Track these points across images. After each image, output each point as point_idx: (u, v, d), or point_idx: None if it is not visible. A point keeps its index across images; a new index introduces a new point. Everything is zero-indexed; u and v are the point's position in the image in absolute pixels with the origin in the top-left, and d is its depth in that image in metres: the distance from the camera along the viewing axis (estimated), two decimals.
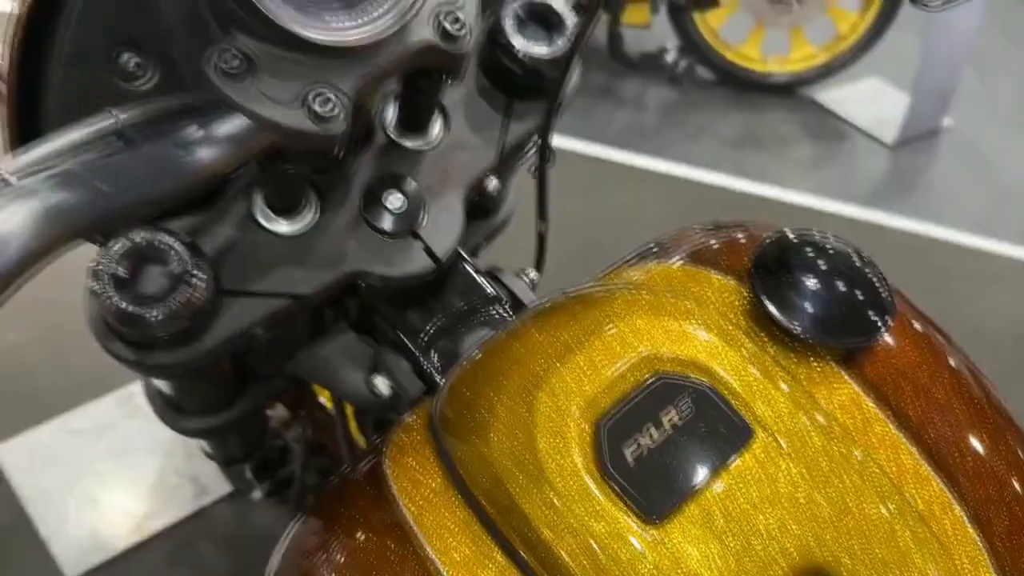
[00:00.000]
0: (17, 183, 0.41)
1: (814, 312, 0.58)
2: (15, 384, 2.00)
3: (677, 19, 3.19)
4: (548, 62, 0.69)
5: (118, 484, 1.84)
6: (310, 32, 0.47)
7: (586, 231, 2.47)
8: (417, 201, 0.66)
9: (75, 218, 0.41)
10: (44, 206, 0.39)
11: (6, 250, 0.37)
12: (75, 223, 0.41)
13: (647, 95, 3.34)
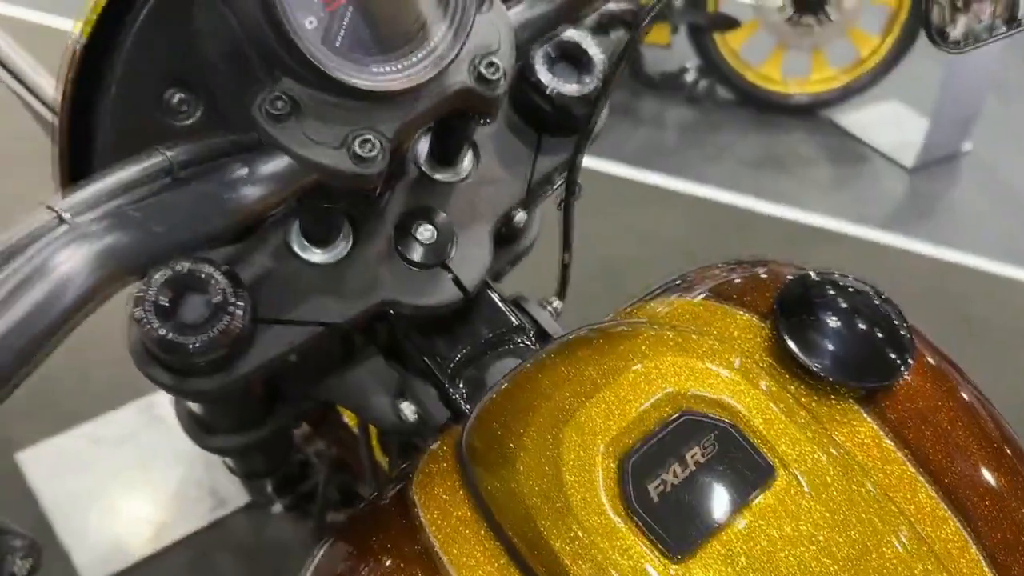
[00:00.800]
0: (75, 223, 0.43)
1: (836, 352, 0.59)
2: (39, 391, 2.02)
3: (698, 39, 3.21)
4: (577, 99, 0.71)
5: (138, 493, 1.86)
6: (355, 80, 0.49)
7: (603, 250, 2.49)
8: (447, 233, 0.68)
9: (130, 258, 0.42)
10: (101, 247, 0.41)
11: (66, 291, 0.39)
12: (130, 263, 0.42)
13: (666, 114, 3.36)
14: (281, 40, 0.47)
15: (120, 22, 0.53)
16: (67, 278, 0.39)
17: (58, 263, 0.39)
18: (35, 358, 0.38)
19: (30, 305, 0.38)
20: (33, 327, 0.38)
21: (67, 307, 0.39)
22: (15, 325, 0.37)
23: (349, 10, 0.49)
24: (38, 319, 0.38)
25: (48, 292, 0.38)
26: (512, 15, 0.59)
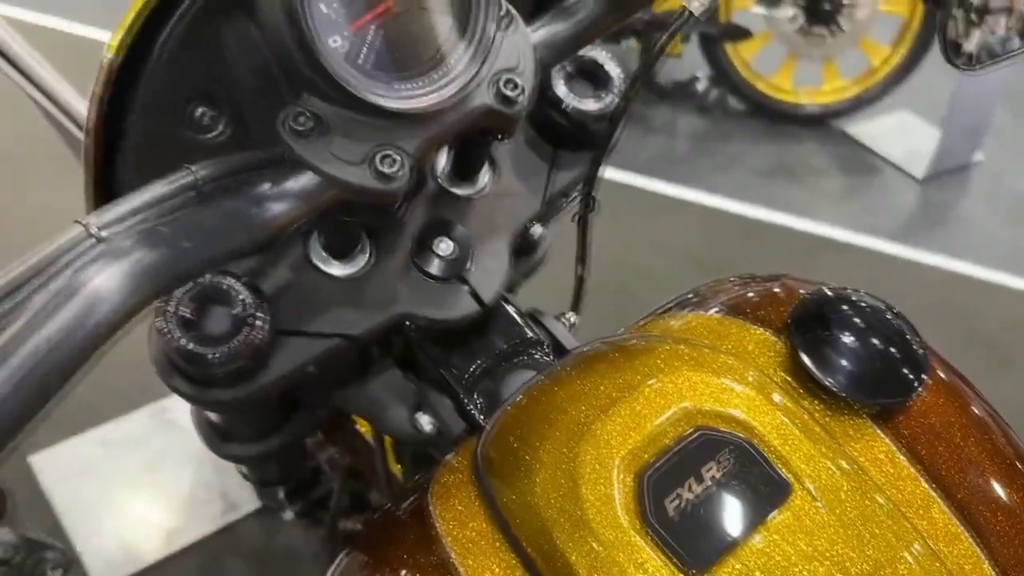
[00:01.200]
0: (108, 239, 0.44)
1: (851, 369, 0.60)
2: None
3: (709, 49, 3.22)
4: (594, 115, 0.72)
5: (149, 497, 1.87)
6: (380, 100, 0.50)
7: (612, 258, 2.49)
8: (465, 247, 0.69)
9: (163, 276, 0.43)
10: (133, 265, 0.42)
11: (101, 309, 0.40)
12: (163, 281, 0.43)
13: (677, 124, 3.37)
14: (308, 59, 0.48)
15: (149, 40, 0.54)
16: (100, 295, 0.40)
17: (90, 280, 0.40)
18: (71, 375, 0.39)
19: (64, 322, 0.39)
20: (68, 344, 0.38)
21: (100, 324, 0.40)
22: (50, 342, 0.38)
23: (374, 30, 0.50)
24: (72, 336, 0.39)
25: (81, 309, 0.39)
26: (533, 35, 0.59)
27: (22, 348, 0.37)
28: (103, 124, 0.55)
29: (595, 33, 0.62)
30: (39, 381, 0.37)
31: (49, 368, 0.38)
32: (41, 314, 0.39)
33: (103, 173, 0.57)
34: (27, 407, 0.37)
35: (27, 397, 0.37)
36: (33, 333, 0.38)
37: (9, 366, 0.37)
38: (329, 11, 0.48)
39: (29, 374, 0.37)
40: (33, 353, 0.38)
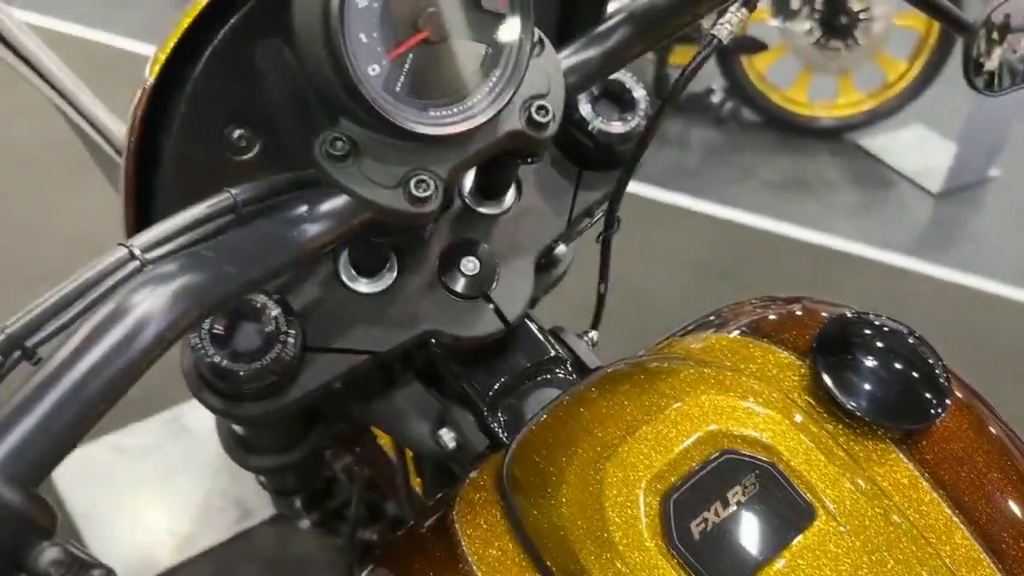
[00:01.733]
0: (148, 259, 0.45)
1: (874, 393, 0.60)
2: None
3: (724, 61, 3.22)
4: (619, 137, 0.73)
5: (164, 503, 1.88)
6: (416, 126, 0.51)
7: (625, 270, 2.48)
8: (490, 265, 0.69)
9: (207, 299, 0.44)
10: (178, 288, 0.43)
11: (147, 332, 0.40)
12: (205, 303, 0.44)
13: (691, 135, 3.37)
14: (346, 87, 0.49)
15: (187, 63, 0.55)
16: (146, 319, 0.41)
17: (138, 304, 0.41)
18: (118, 396, 0.40)
19: (112, 346, 0.40)
20: (115, 367, 0.39)
21: (147, 347, 0.40)
22: (99, 365, 0.39)
23: (410, 58, 0.50)
24: (120, 359, 0.40)
25: (128, 332, 0.40)
26: (563, 60, 0.60)
27: (73, 370, 0.38)
28: (141, 147, 0.56)
29: (624, 60, 0.63)
30: (88, 402, 0.38)
31: (98, 390, 0.38)
32: (91, 337, 0.40)
33: (140, 193, 0.58)
34: (78, 427, 0.38)
35: (78, 418, 0.38)
36: (83, 356, 0.39)
37: (61, 388, 0.38)
38: (368, 40, 0.49)
39: (80, 396, 0.38)
40: (84, 376, 0.38)
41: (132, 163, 0.56)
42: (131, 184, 0.57)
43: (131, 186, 0.57)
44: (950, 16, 0.69)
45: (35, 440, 0.37)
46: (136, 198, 0.58)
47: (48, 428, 0.37)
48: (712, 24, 0.61)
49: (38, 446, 0.37)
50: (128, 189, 0.57)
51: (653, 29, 0.62)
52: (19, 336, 0.43)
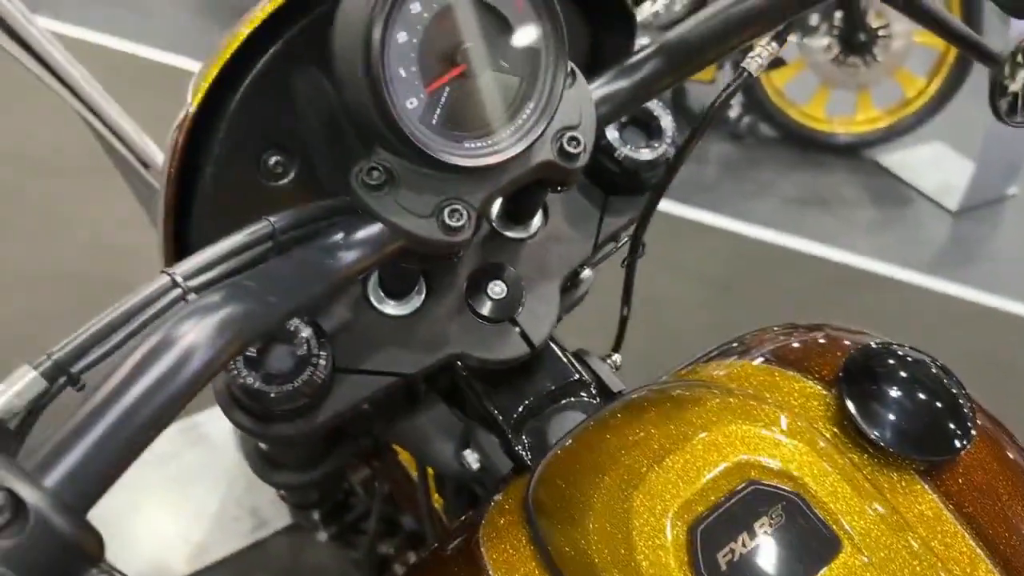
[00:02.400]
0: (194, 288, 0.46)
1: (899, 424, 0.61)
2: None
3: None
4: (645, 163, 0.73)
5: (179, 512, 1.89)
6: (453, 158, 0.51)
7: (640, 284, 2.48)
8: (517, 289, 0.70)
9: (250, 330, 0.45)
10: (226, 320, 0.44)
11: (192, 361, 0.41)
12: (250, 335, 0.45)
13: (708, 150, 3.37)
14: (385, 119, 0.50)
15: (226, 89, 0.56)
16: (193, 348, 0.42)
17: (184, 335, 0.42)
18: (164, 425, 0.41)
19: (160, 374, 0.40)
20: (163, 395, 0.40)
21: (193, 376, 0.41)
22: (147, 393, 0.40)
23: (446, 91, 0.51)
24: (167, 387, 0.40)
25: (176, 362, 0.41)
26: (594, 91, 0.61)
27: (123, 400, 0.39)
28: (181, 170, 0.57)
29: (654, 91, 0.64)
30: (137, 431, 0.39)
31: (146, 419, 0.39)
32: (140, 367, 0.40)
33: (178, 220, 0.59)
34: (126, 455, 0.39)
35: (127, 446, 0.39)
36: (132, 386, 0.40)
37: (111, 417, 0.39)
38: (407, 75, 0.50)
39: (129, 424, 0.39)
40: (133, 405, 0.39)
41: (172, 188, 0.57)
42: (171, 209, 0.58)
43: (170, 211, 0.58)
44: (978, 48, 0.70)
45: (86, 468, 0.38)
46: (176, 225, 0.59)
47: (98, 456, 0.38)
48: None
49: (88, 474, 0.38)
50: (167, 214, 0.58)
51: (684, 62, 0.63)
52: (65, 362, 0.44)
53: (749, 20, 0.61)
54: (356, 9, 0.49)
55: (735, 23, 0.61)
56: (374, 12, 0.48)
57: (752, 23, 0.61)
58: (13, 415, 0.43)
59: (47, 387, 0.44)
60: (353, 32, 0.49)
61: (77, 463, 0.37)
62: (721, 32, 0.62)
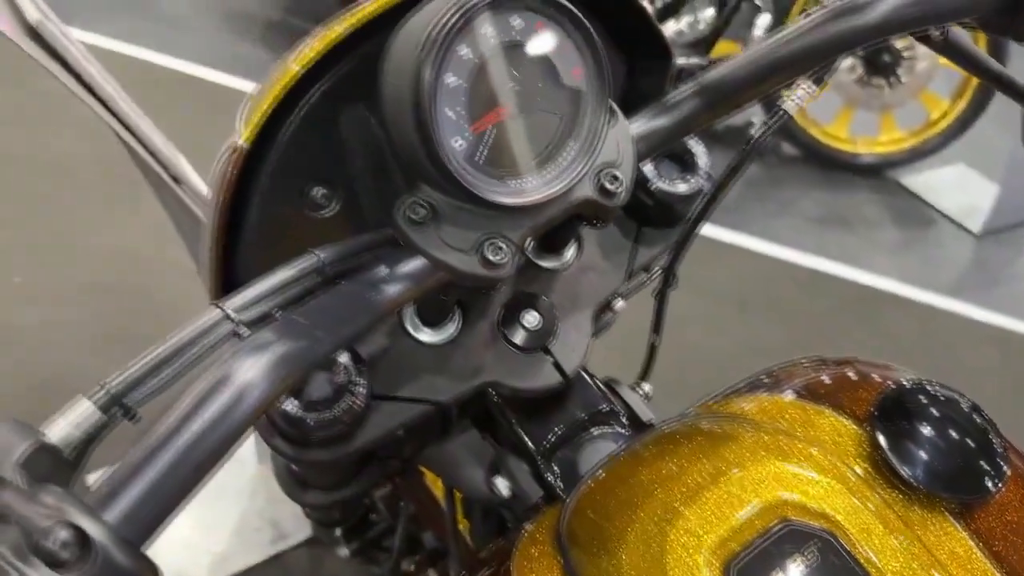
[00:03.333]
0: (243, 323, 0.47)
1: (932, 463, 0.61)
2: None
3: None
4: (680, 197, 0.74)
5: (200, 523, 1.90)
6: (497, 197, 0.52)
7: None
8: (550, 319, 0.71)
9: (301, 366, 0.46)
10: (279, 357, 0.45)
11: (247, 398, 0.42)
12: (301, 370, 0.46)
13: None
14: (431, 158, 0.51)
15: (274, 124, 0.57)
16: (248, 386, 0.43)
17: (239, 371, 0.43)
18: (218, 461, 0.42)
19: (217, 411, 0.42)
20: (220, 432, 0.41)
21: (249, 413, 0.42)
22: (204, 431, 0.41)
23: (492, 130, 0.52)
24: (224, 424, 0.41)
25: (232, 399, 0.42)
26: (633, 128, 0.62)
27: (181, 437, 0.40)
28: (232, 202, 0.58)
29: (692, 129, 0.65)
30: (195, 467, 0.40)
31: (204, 455, 0.40)
32: (197, 405, 0.42)
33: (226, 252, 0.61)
34: (184, 491, 0.40)
35: (185, 482, 0.40)
36: (190, 423, 0.41)
37: (169, 454, 0.40)
38: (454, 115, 0.51)
39: (187, 461, 0.40)
40: (191, 442, 0.40)
41: (222, 219, 0.58)
42: (219, 240, 0.59)
43: (218, 241, 0.59)
44: (1013, 87, 0.70)
45: (145, 504, 0.39)
46: (224, 257, 0.60)
47: (157, 492, 0.39)
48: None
49: (147, 509, 0.39)
50: (215, 244, 0.59)
51: (723, 101, 0.64)
52: (120, 394, 0.45)
53: (789, 62, 0.61)
54: (406, 52, 0.50)
55: (775, 65, 0.62)
56: (425, 56, 0.49)
57: (792, 65, 0.62)
58: (69, 445, 0.44)
59: (102, 418, 0.45)
60: (403, 74, 0.50)
61: (137, 499, 0.38)
62: (760, 73, 0.62)
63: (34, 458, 0.41)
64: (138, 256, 2.52)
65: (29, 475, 0.40)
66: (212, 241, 0.58)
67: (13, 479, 0.39)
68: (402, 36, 0.52)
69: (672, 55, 0.69)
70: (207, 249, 0.59)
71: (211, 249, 0.59)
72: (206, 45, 3.67)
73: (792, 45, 0.61)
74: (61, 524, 0.35)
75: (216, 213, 0.58)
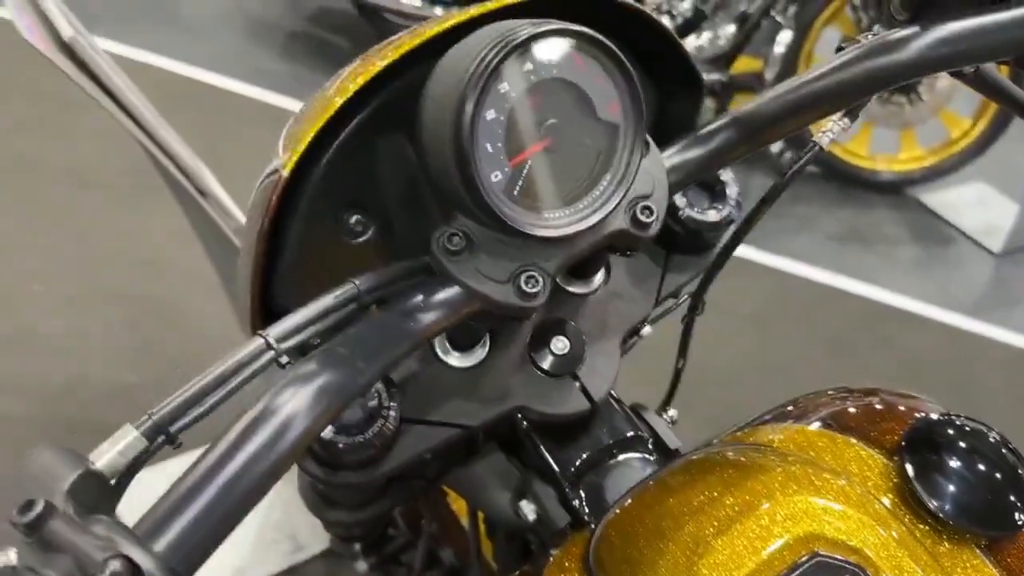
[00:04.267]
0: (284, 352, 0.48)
1: (961, 497, 0.61)
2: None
3: None
4: (710, 225, 0.74)
5: None
6: (535, 229, 0.53)
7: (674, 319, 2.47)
8: (579, 345, 0.71)
9: (343, 397, 0.47)
10: (322, 389, 0.45)
11: (291, 431, 0.43)
12: (342, 402, 0.47)
13: (750, 184, 3.36)
14: (471, 193, 0.51)
15: (313, 151, 0.58)
16: (292, 418, 0.44)
17: (283, 404, 0.44)
18: (264, 493, 0.42)
19: (261, 444, 0.42)
20: (264, 464, 0.42)
21: (293, 445, 0.43)
22: (249, 463, 0.42)
23: (529, 164, 0.53)
24: (268, 456, 0.42)
25: (276, 431, 0.43)
26: (666, 160, 0.62)
27: (226, 469, 0.41)
28: (271, 229, 0.59)
29: (725, 162, 0.65)
30: (240, 499, 0.41)
31: (249, 487, 0.41)
32: (242, 437, 0.42)
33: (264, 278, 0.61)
34: (229, 523, 0.41)
35: (230, 514, 0.41)
36: (235, 456, 0.42)
37: (215, 487, 0.41)
38: (493, 149, 0.51)
39: (232, 493, 0.41)
40: (236, 474, 0.41)
41: (262, 246, 0.59)
42: (259, 267, 0.60)
43: (259, 268, 0.60)
44: None
45: (192, 535, 0.39)
46: (262, 285, 0.61)
47: (204, 524, 0.40)
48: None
49: (194, 541, 0.39)
50: (257, 276, 0.60)
51: (755, 135, 0.64)
52: (164, 423, 0.46)
53: (823, 99, 0.62)
54: (447, 87, 0.51)
55: (809, 101, 0.62)
56: (466, 92, 0.49)
57: (826, 102, 0.62)
58: (115, 472, 0.45)
59: (147, 446, 0.46)
60: (444, 109, 0.51)
61: (185, 531, 0.39)
62: (794, 109, 0.63)
63: (81, 485, 0.42)
64: (161, 266, 2.54)
65: (76, 502, 0.41)
66: (253, 267, 0.59)
67: (64, 507, 0.39)
68: (443, 71, 0.53)
69: (703, 85, 0.70)
70: (247, 275, 0.60)
71: (251, 275, 0.60)
72: (228, 55, 3.71)
73: (826, 82, 0.61)
74: (115, 556, 0.36)
75: (257, 239, 0.59)
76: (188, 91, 3.43)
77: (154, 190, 1.62)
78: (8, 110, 3.13)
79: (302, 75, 3.66)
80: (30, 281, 2.46)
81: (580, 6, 0.61)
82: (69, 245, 2.61)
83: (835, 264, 2.94)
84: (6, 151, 2.94)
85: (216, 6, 4.11)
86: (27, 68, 1.48)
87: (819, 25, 3.15)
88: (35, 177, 2.85)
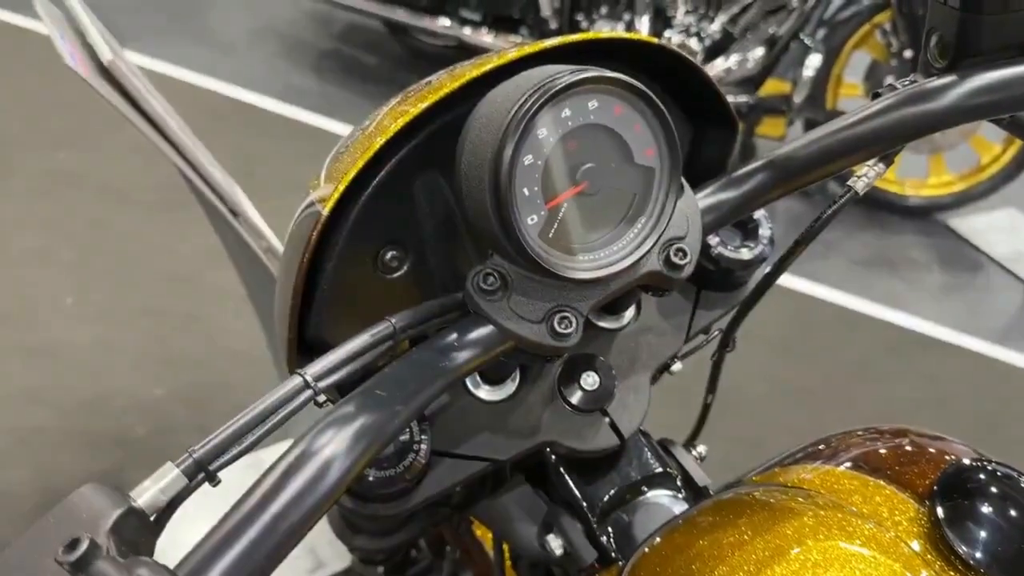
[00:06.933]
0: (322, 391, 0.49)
1: (993, 545, 0.60)
2: (156, 438, 2.13)
3: None
4: (742, 263, 0.74)
5: None
6: (570, 272, 0.53)
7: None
8: (609, 380, 0.71)
9: (380, 439, 0.47)
10: (360, 431, 0.46)
11: (330, 473, 0.44)
12: (380, 444, 0.47)
13: (776, 207, 3.32)
14: (508, 236, 0.52)
15: (351, 189, 0.59)
16: (331, 461, 0.44)
17: (322, 447, 0.45)
18: (303, 535, 0.43)
19: (301, 487, 0.43)
20: (304, 506, 0.43)
21: (332, 487, 0.44)
22: (288, 506, 0.42)
23: (565, 207, 0.54)
24: (308, 499, 0.43)
25: (315, 474, 0.44)
26: (700, 201, 0.63)
27: (266, 512, 0.42)
28: (310, 266, 0.60)
29: (758, 204, 0.65)
30: (279, 541, 0.42)
31: (289, 529, 0.42)
32: (282, 480, 0.43)
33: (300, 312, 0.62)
34: (268, 565, 0.41)
35: (270, 555, 0.41)
36: (275, 498, 0.42)
37: (256, 529, 0.41)
38: (529, 193, 0.52)
39: (272, 535, 0.42)
40: (275, 517, 0.42)
41: (301, 281, 0.59)
42: (297, 302, 0.60)
43: (297, 304, 0.61)
44: None
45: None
46: (300, 321, 0.62)
47: (244, 567, 0.40)
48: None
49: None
50: (295, 313, 0.61)
51: (790, 179, 0.64)
52: (204, 460, 0.47)
53: (858, 146, 0.62)
54: (486, 132, 0.52)
55: (844, 148, 0.62)
56: (505, 138, 0.50)
57: (861, 149, 0.62)
58: (155, 510, 0.45)
59: (187, 484, 0.46)
60: (482, 154, 0.51)
61: (226, 574, 0.40)
62: (829, 155, 0.63)
63: (123, 523, 0.42)
64: (191, 281, 2.57)
65: (118, 539, 0.42)
66: (292, 302, 0.60)
67: (106, 545, 0.40)
68: (482, 116, 0.54)
69: (738, 125, 0.70)
70: (285, 310, 0.61)
71: (290, 310, 0.60)
72: (258, 72, 3.75)
73: (862, 128, 0.61)
74: None
75: (296, 275, 0.59)
76: (219, 107, 3.47)
77: (187, 207, 1.64)
78: (48, 127, 3.19)
79: (331, 93, 3.70)
80: (64, 294, 2.50)
81: (617, 47, 0.62)
82: (103, 259, 2.65)
83: (862, 289, 2.92)
84: (47, 167, 3.00)
85: (248, 23, 4.17)
86: (66, 85, 1.50)
87: (848, 48, 3.14)
88: (74, 192, 2.90)
